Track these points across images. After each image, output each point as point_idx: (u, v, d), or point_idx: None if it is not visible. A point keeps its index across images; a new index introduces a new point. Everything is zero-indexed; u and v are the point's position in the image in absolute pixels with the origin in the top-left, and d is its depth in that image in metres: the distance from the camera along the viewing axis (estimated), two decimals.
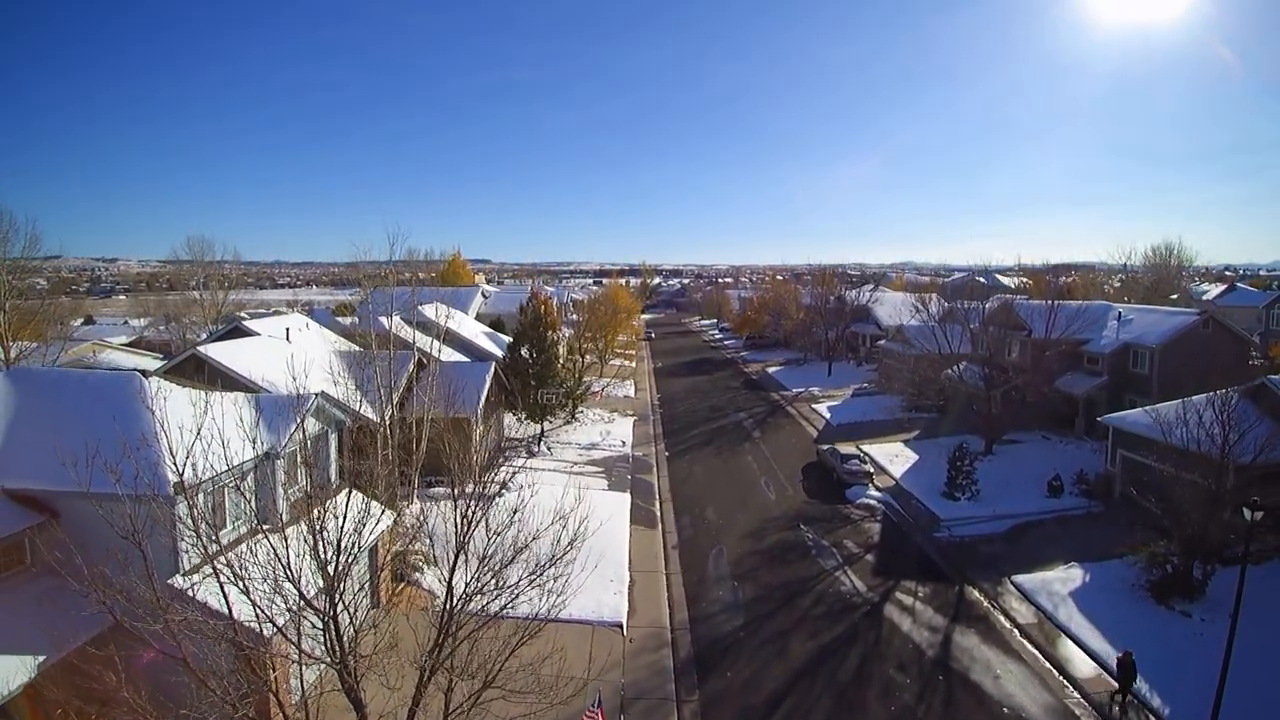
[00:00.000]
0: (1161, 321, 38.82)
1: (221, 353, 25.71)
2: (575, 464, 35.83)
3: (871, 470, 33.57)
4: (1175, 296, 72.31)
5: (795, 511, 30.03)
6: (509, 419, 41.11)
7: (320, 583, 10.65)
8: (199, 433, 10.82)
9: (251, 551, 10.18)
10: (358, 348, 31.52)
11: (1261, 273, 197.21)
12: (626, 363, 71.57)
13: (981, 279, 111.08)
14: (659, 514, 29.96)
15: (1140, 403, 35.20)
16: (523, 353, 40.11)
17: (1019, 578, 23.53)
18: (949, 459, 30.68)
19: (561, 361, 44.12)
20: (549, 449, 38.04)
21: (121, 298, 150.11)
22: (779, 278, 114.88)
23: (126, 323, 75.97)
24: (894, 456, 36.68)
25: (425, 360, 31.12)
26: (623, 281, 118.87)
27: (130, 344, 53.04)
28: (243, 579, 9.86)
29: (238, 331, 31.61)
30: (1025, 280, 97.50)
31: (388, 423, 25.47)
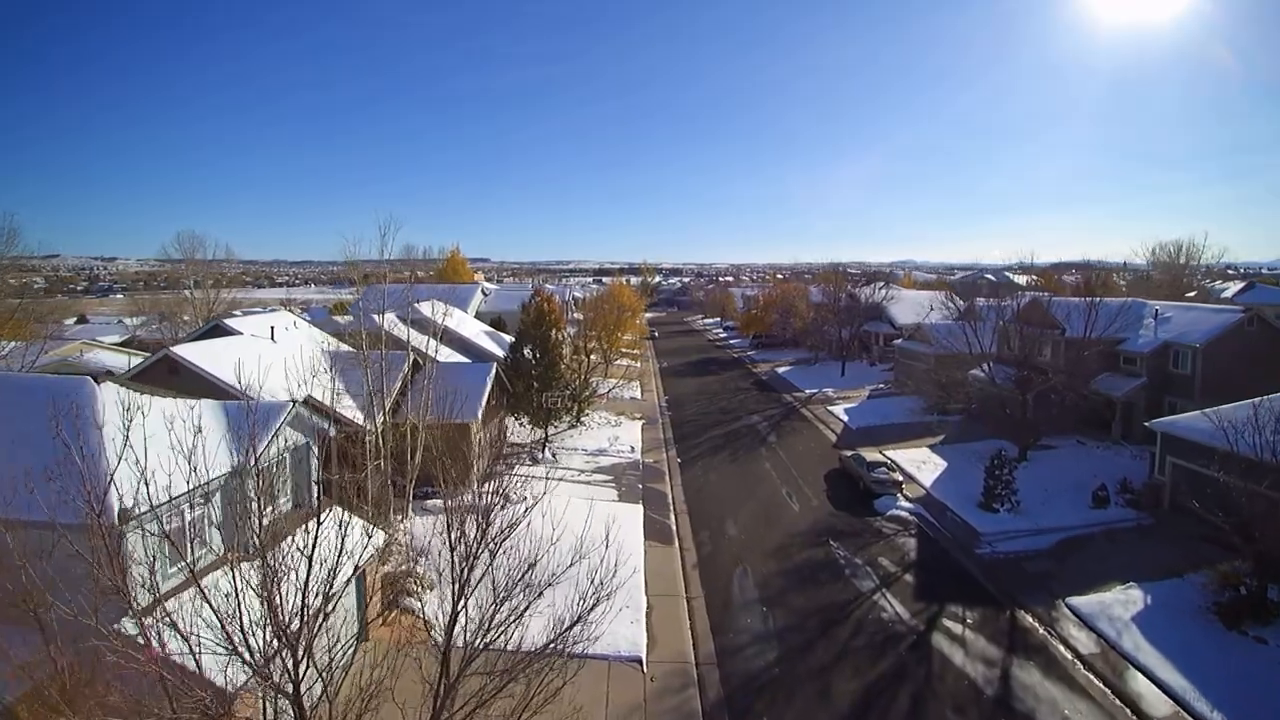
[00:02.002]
0: (1203, 319, 36.73)
1: (197, 354, 23.35)
2: (583, 472, 33.65)
3: (900, 479, 31.33)
4: (1193, 294, 70.19)
5: (822, 525, 27.80)
6: (511, 423, 38.95)
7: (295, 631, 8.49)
8: (135, 456, 8.61)
9: (209, 604, 7.98)
10: (350, 348, 29.34)
11: (1264, 271, 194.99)
12: (632, 363, 69.38)
13: (991, 277, 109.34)
14: (674, 528, 27.74)
15: (1182, 405, 33.12)
16: (525, 353, 37.99)
17: (1074, 600, 21.38)
18: (986, 467, 28.48)
19: (566, 362, 41.98)
20: (554, 455, 35.86)
21: (119, 296, 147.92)
22: (779, 276, 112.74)
23: (120, 321, 74.10)
24: (921, 463, 34.50)
25: (421, 361, 28.99)
26: (624, 280, 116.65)
27: (123, 343, 50.87)
28: (193, 647, 7.69)
29: (219, 330, 29.30)
30: (1034, 278, 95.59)
31: (379, 430, 23.33)
